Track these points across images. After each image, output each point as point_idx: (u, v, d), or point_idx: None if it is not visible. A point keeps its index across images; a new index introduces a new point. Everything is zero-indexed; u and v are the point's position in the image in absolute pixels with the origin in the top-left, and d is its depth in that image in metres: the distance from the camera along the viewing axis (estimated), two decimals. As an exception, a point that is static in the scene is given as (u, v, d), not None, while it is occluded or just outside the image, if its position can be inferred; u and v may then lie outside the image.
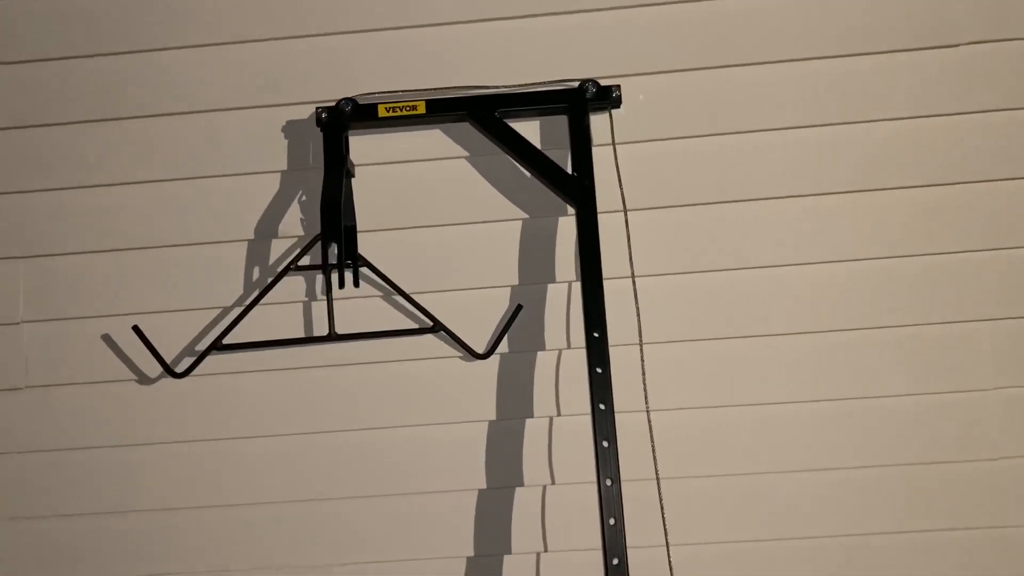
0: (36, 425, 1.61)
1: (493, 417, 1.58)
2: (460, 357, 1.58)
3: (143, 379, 1.61)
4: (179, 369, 1.50)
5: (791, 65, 1.59)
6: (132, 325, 1.50)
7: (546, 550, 1.56)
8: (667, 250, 1.58)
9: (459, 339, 1.52)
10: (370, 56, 1.61)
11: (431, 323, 1.51)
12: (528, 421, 1.58)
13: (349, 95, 1.54)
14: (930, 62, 1.58)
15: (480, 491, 1.58)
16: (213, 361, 1.53)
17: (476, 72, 1.59)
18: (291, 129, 1.61)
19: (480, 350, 1.54)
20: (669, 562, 1.46)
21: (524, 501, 1.57)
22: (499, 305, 1.59)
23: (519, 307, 1.54)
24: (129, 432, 1.60)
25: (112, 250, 1.61)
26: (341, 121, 1.52)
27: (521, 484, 1.57)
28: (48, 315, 1.62)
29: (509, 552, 1.56)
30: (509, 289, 1.59)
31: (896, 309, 1.56)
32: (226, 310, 1.60)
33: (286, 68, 1.61)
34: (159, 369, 1.57)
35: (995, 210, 1.57)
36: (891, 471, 1.55)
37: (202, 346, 1.58)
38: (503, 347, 1.58)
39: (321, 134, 1.53)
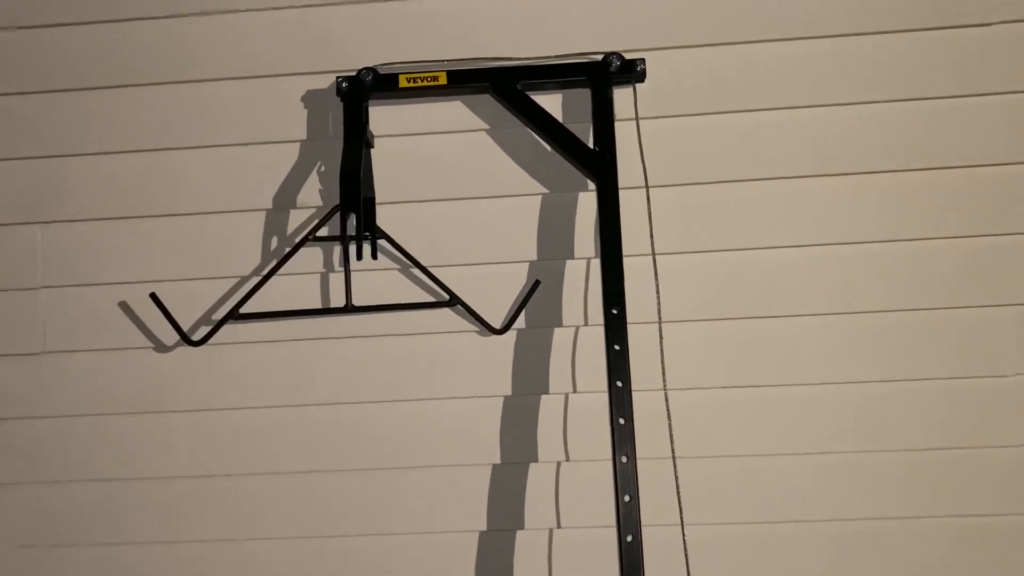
0: (52, 390, 1.62)
1: (508, 393, 1.57)
2: (477, 332, 1.58)
3: (159, 347, 1.61)
4: (195, 337, 1.50)
5: (822, 41, 1.55)
6: (149, 293, 1.50)
7: (559, 526, 1.56)
8: (689, 228, 1.56)
9: (476, 314, 1.51)
10: (391, 26, 1.59)
11: (448, 297, 1.50)
12: (543, 397, 1.57)
13: (370, 65, 1.52)
14: (968, 41, 1.54)
15: (494, 466, 1.57)
16: (229, 330, 1.52)
17: (498, 44, 1.57)
18: (311, 98, 1.59)
19: (497, 325, 1.53)
20: (684, 541, 1.45)
21: (538, 477, 1.57)
22: (517, 280, 1.57)
23: (537, 282, 1.53)
24: (144, 399, 1.61)
25: (131, 217, 1.61)
26: (361, 91, 1.51)
27: (535, 460, 1.56)
28: (66, 281, 1.62)
29: (522, 527, 1.56)
30: (527, 264, 1.58)
31: (922, 292, 1.54)
32: (243, 279, 1.59)
33: (306, 37, 1.60)
34: (176, 337, 1.57)
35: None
36: (913, 456, 1.54)
37: (219, 315, 1.58)
38: (520, 322, 1.56)
39: (341, 104, 1.52)
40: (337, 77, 1.52)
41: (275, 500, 1.60)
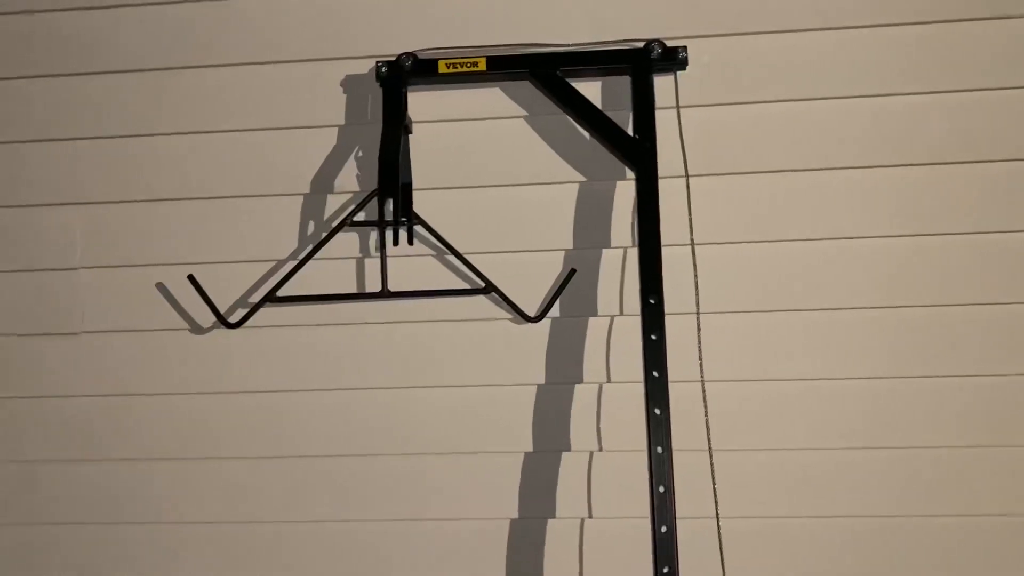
0: (90, 371, 1.64)
1: (542, 381, 1.57)
2: (511, 320, 1.57)
3: (196, 328, 1.62)
4: (232, 320, 1.51)
5: (868, 31, 1.53)
6: (187, 274, 1.51)
7: (591, 516, 1.55)
8: (728, 218, 1.54)
9: (511, 301, 1.50)
10: (431, 11, 1.58)
11: (483, 284, 1.50)
12: (577, 387, 1.56)
13: (409, 50, 1.52)
14: (1018, 30, 1.51)
15: (526, 454, 1.57)
16: (266, 313, 1.54)
17: (538, 30, 1.56)
18: (350, 83, 1.59)
19: (532, 313, 1.52)
20: (719, 533, 1.44)
21: (570, 466, 1.56)
22: (552, 268, 1.57)
23: (572, 271, 1.52)
24: (181, 380, 1.62)
25: (169, 199, 1.62)
26: (401, 76, 1.50)
27: (568, 449, 1.56)
28: (104, 262, 1.64)
29: (553, 516, 1.56)
30: (563, 253, 1.57)
31: (970, 287, 1.51)
32: (280, 263, 1.60)
33: (346, 21, 1.60)
34: (212, 319, 1.58)
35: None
36: (951, 452, 1.52)
37: (256, 298, 1.59)
38: (555, 311, 1.56)
39: (380, 89, 1.51)
40: (377, 62, 1.51)
41: (309, 483, 1.60)
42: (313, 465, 1.60)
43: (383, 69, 1.51)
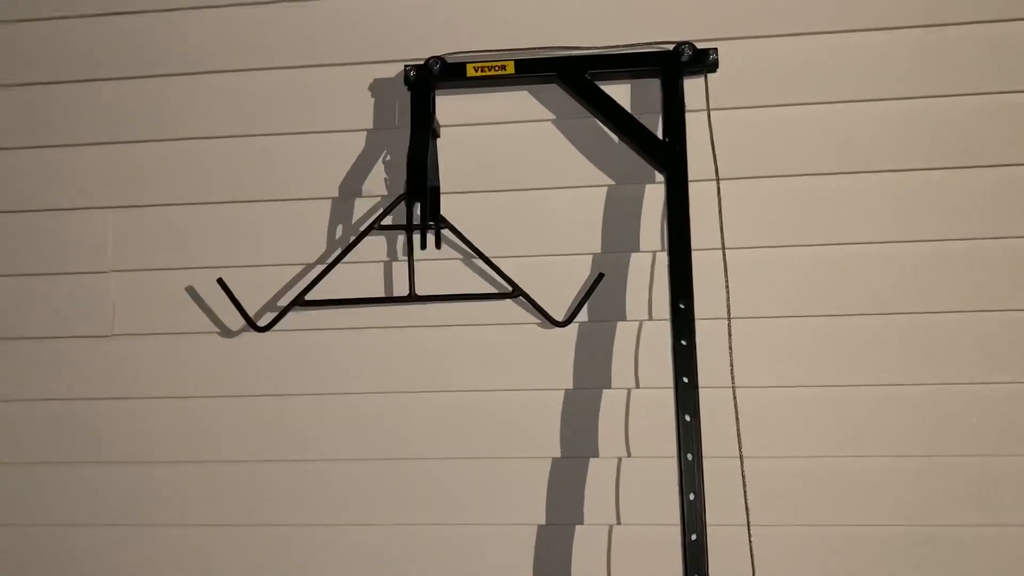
0: (120, 373, 1.65)
1: (570, 386, 1.56)
2: (538, 324, 1.56)
3: (225, 332, 1.63)
4: (261, 323, 1.51)
5: (899, 32, 1.51)
6: (217, 278, 1.52)
7: (619, 523, 1.54)
8: (760, 222, 1.52)
9: (538, 306, 1.49)
10: (459, 15, 1.58)
11: (511, 288, 1.49)
12: (605, 392, 1.55)
13: (437, 54, 1.52)
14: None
15: (554, 459, 1.56)
16: (295, 317, 1.54)
17: (566, 33, 1.55)
18: (378, 87, 1.59)
19: (559, 318, 1.51)
20: (750, 541, 1.42)
21: (598, 472, 1.55)
22: (580, 273, 1.56)
23: (601, 275, 1.51)
24: (210, 383, 1.63)
25: (199, 203, 1.63)
26: (429, 80, 1.50)
27: (596, 455, 1.55)
28: (135, 265, 1.65)
29: (581, 523, 1.55)
30: (591, 257, 1.56)
31: (1007, 293, 1.48)
32: (309, 267, 1.60)
33: (374, 26, 1.60)
34: (241, 322, 1.59)
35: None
36: (987, 461, 1.49)
37: (284, 301, 1.59)
38: (582, 316, 1.55)
39: (407, 94, 1.51)
40: (405, 66, 1.51)
41: (336, 487, 1.61)
42: (341, 469, 1.60)
43: (411, 73, 1.50)
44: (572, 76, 1.50)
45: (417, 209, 1.47)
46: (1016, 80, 1.48)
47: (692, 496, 1.35)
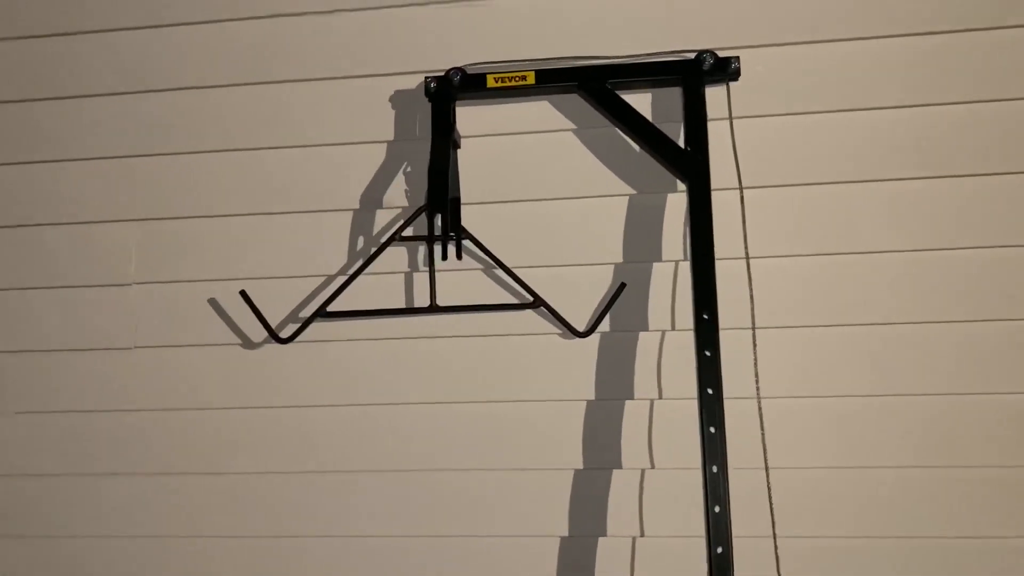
0: (143, 384, 1.66)
1: (592, 397, 1.55)
2: (560, 334, 1.56)
3: (247, 343, 1.63)
4: (284, 335, 1.52)
5: (918, 39, 1.49)
6: (239, 290, 1.53)
7: (643, 535, 1.53)
8: (784, 231, 1.51)
9: (560, 316, 1.49)
10: (479, 26, 1.58)
11: (532, 298, 1.49)
12: (628, 403, 1.54)
13: (457, 65, 1.52)
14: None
15: (576, 471, 1.55)
16: (316, 328, 1.54)
17: (586, 42, 1.55)
18: (398, 99, 1.60)
19: (581, 328, 1.50)
20: (776, 554, 1.40)
21: (621, 484, 1.54)
22: (602, 283, 1.55)
23: (622, 285, 1.50)
24: (233, 394, 1.63)
25: (221, 215, 1.64)
26: (449, 91, 1.50)
27: (619, 467, 1.54)
28: (158, 278, 1.66)
29: (604, 535, 1.54)
30: (612, 266, 1.55)
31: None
32: (330, 278, 1.61)
33: (395, 37, 1.60)
34: (264, 334, 1.60)
35: None
36: (1016, 472, 1.46)
37: (306, 313, 1.60)
38: (604, 326, 1.54)
39: (428, 105, 1.51)
40: (426, 77, 1.51)
41: (358, 497, 1.60)
42: (363, 480, 1.60)
43: (432, 84, 1.51)
44: (593, 86, 1.50)
45: (438, 220, 1.47)
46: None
47: (718, 508, 1.34)
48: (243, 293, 1.52)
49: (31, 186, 1.69)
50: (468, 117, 1.57)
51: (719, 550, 1.32)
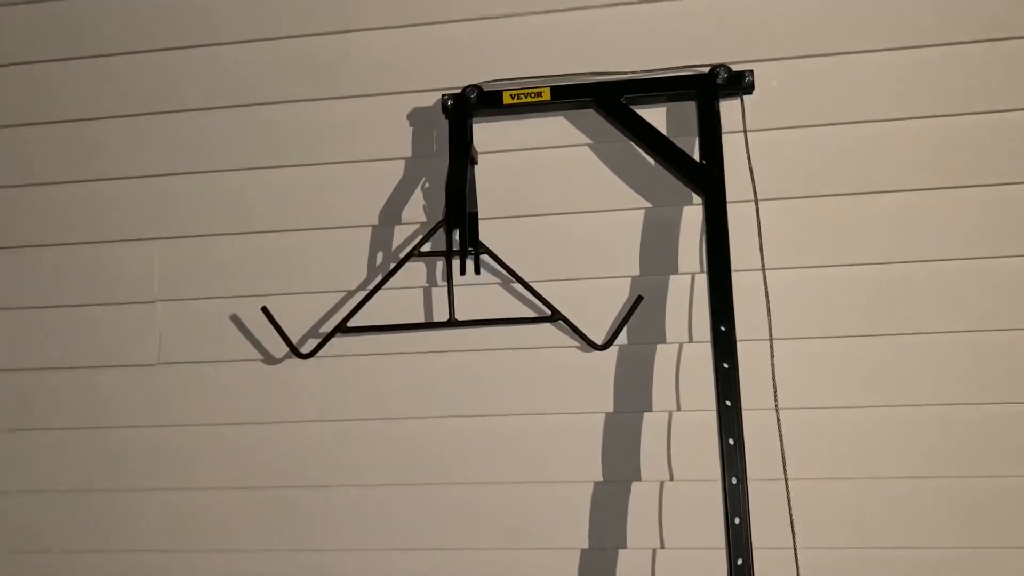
0: (167, 400, 1.68)
1: (610, 409, 1.56)
2: (578, 347, 1.57)
3: (269, 359, 1.65)
4: (304, 350, 1.54)
5: (932, 50, 1.50)
6: (261, 306, 1.54)
7: (663, 547, 1.53)
8: (799, 242, 1.51)
9: (578, 329, 1.50)
10: (495, 43, 1.60)
11: (550, 312, 1.50)
12: (646, 415, 1.54)
13: (474, 82, 1.54)
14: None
15: (596, 483, 1.56)
16: (337, 343, 1.56)
17: (601, 58, 1.57)
18: (416, 116, 1.62)
19: (599, 341, 1.51)
20: (796, 565, 1.40)
21: (641, 496, 1.54)
22: (619, 296, 1.56)
23: (640, 298, 1.51)
24: (255, 409, 1.65)
25: (242, 233, 1.66)
26: (466, 108, 1.52)
27: (638, 479, 1.54)
28: (181, 295, 1.68)
29: (624, 547, 1.54)
30: (630, 280, 1.56)
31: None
32: (350, 294, 1.63)
33: (412, 56, 1.63)
34: (285, 349, 1.61)
35: None
36: (1040, 483, 1.46)
37: (327, 328, 1.62)
38: (622, 338, 1.55)
39: (445, 122, 1.54)
40: (443, 95, 1.54)
41: (379, 511, 1.61)
42: (383, 494, 1.61)
43: (449, 102, 1.53)
44: (608, 101, 1.51)
45: (456, 235, 1.49)
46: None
47: (737, 521, 1.34)
48: (264, 309, 1.54)
49: (56, 206, 1.73)
50: (485, 133, 1.59)
51: (739, 562, 1.32)
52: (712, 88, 1.48)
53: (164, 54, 1.70)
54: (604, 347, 1.51)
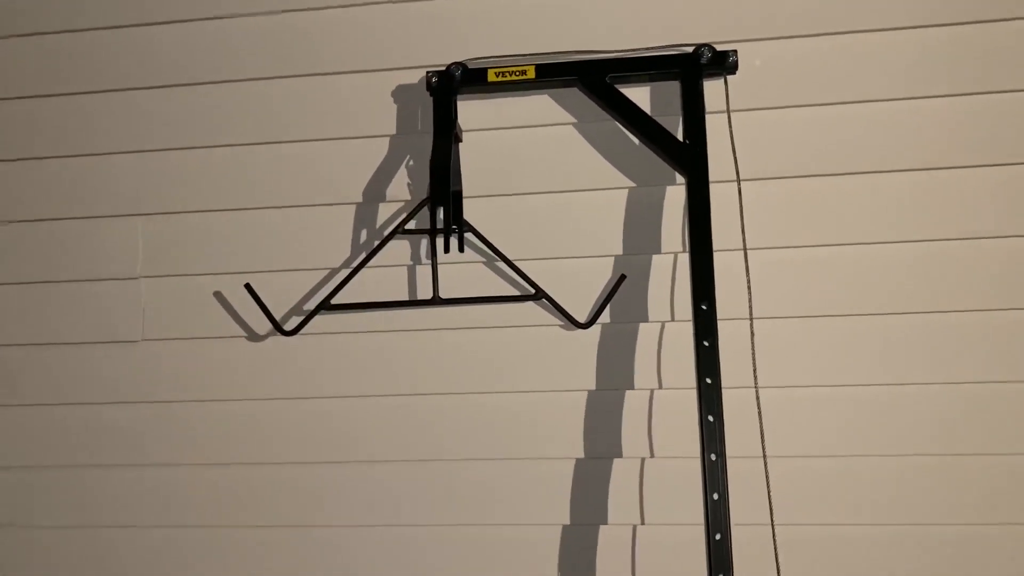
0: (150, 377, 1.68)
1: (593, 387, 1.57)
2: (561, 326, 1.58)
3: (252, 336, 1.65)
4: (288, 327, 1.54)
5: (914, 32, 1.50)
6: (244, 283, 1.55)
7: (643, 523, 1.55)
8: (781, 222, 1.52)
9: (561, 308, 1.51)
10: (480, 21, 1.60)
11: (533, 290, 1.51)
12: (628, 392, 1.56)
13: (459, 60, 1.54)
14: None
15: (577, 460, 1.57)
16: (321, 320, 1.57)
17: (586, 37, 1.57)
18: (400, 93, 1.61)
19: (582, 319, 1.52)
20: (774, 540, 1.42)
21: (622, 472, 1.56)
22: (602, 274, 1.57)
23: (622, 277, 1.52)
24: (238, 387, 1.66)
25: (227, 209, 1.66)
26: (451, 86, 1.52)
27: (619, 455, 1.56)
28: (164, 271, 1.68)
29: (605, 523, 1.56)
30: (613, 259, 1.57)
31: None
32: (334, 271, 1.63)
33: (396, 33, 1.62)
34: (269, 326, 1.62)
35: None
36: (1015, 460, 1.48)
37: (310, 305, 1.62)
38: (605, 317, 1.56)
39: (430, 99, 1.53)
40: (427, 72, 1.53)
41: (361, 487, 1.63)
42: (366, 470, 1.62)
43: (433, 79, 1.52)
44: (592, 80, 1.51)
45: (440, 213, 1.49)
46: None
47: (716, 496, 1.36)
48: (248, 286, 1.54)
49: (39, 182, 1.72)
50: (469, 111, 1.59)
51: (718, 537, 1.34)
52: (696, 68, 1.49)
53: (147, 29, 1.69)
54: (587, 326, 1.52)
